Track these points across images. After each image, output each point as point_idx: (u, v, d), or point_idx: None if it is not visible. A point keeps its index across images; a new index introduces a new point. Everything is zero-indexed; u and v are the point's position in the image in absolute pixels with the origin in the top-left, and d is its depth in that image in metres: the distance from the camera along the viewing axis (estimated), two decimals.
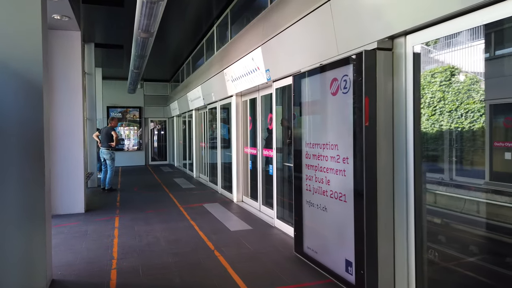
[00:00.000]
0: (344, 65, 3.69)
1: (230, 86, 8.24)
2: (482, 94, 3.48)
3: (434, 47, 3.40)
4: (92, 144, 11.34)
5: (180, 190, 10.42)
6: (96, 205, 8.39)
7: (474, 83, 3.56)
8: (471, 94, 3.59)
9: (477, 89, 3.57)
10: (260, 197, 7.42)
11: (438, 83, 3.75)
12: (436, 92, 3.77)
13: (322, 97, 4.14)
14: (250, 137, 8.23)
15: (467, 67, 3.55)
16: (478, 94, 3.55)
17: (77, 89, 7.71)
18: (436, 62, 3.62)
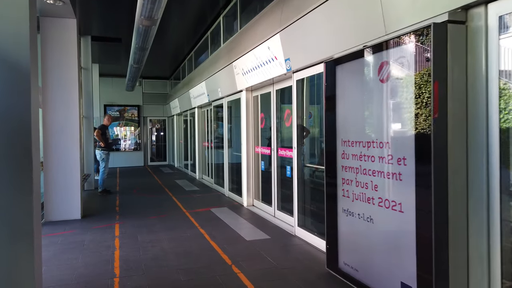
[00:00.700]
0: (399, 45, 3.01)
1: (239, 80, 7.55)
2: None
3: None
4: (89, 144, 10.63)
5: (184, 193, 9.73)
6: (94, 210, 7.69)
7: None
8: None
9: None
10: (274, 201, 6.74)
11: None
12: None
13: (366, 85, 3.47)
14: (262, 136, 7.55)
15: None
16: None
17: (73, 84, 7.01)
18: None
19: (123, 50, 12.58)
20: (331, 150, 4.00)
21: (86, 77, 10.77)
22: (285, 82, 6.24)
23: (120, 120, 18.01)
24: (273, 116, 6.70)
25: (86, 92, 10.77)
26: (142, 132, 18.32)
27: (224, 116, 9.11)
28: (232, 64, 7.73)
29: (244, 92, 7.77)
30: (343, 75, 3.82)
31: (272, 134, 6.72)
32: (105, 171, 9.59)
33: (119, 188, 10.75)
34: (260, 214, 7.07)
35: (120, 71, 15.77)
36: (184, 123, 15.45)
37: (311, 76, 5.15)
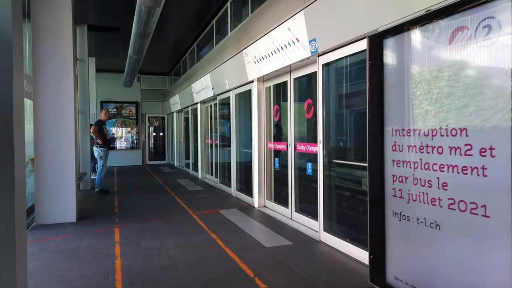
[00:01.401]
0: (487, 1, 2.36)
1: (251, 69, 6.88)
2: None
3: None
4: (85, 140, 9.92)
5: (187, 193, 9.04)
6: (91, 212, 6.99)
7: None
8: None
9: None
10: (292, 202, 6.07)
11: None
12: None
13: (430, 58, 2.81)
14: (276, 130, 6.88)
15: None
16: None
17: (68, 75, 6.32)
18: None
19: (122, 41, 11.88)
20: (376, 141, 3.34)
21: (82, 69, 10.07)
22: (305, 69, 5.58)
23: (118, 118, 17.30)
24: (290, 107, 6.04)
25: (82, 86, 10.07)
26: (140, 129, 17.60)
27: (232, 110, 8.43)
28: (242, 52, 7.05)
29: (255, 83, 7.10)
30: (395, 49, 3.16)
31: (289, 128, 6.06)
32: (103, 170, 8.90)
33: (117, 188, 10.05)
34: (274, 216, 6.41)
35: (118, 66, 15.05)
36: (185, 120, 14.77)
37: (341, 58, 4.49)
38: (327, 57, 4.69)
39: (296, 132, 5.98)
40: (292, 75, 5.99)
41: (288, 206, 6.18)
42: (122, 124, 17.36)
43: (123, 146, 17.38)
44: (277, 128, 6.83)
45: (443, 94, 2.70)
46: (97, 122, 8.92)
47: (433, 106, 2.78)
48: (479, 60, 2.44)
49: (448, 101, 2.65)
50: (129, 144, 17.50)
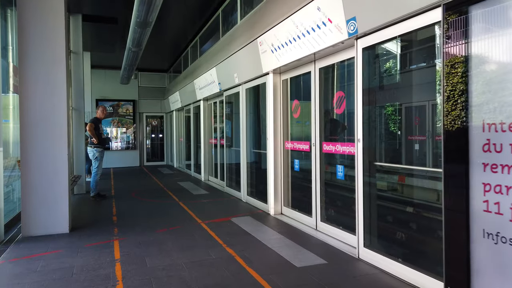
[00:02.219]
0: None
1: (267, 59, 6.12)
2: None
3: None
4: (79, 140, 9.12)
5: (192, 198, 8.26)
6: (86, 221, 6.20)
7: None
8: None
9: None
10: (317, 210, 5.31)
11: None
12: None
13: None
14: (296, 128, 6.13)
15: None
16: None
17: (59, 67, 5.54)
18: None
19: (119, 34, 11.08)
20: (457, 140, 2.59)
21: (76, 63, 9.26)
22: (334, 57, 4.82)
23: (114, 116, 16.46)
24: (314, 101, 5.28)
25: (77, 81, 9.26)
26: (137, 129, 16.77)
27: (242, 107, 7.65)
28: (256, 40, 6.29)
29: (270, 76, 6.35)
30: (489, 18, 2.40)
31: (313, 125, 5.30)
32: (98, 172, 8.09)
33: (114, 192, 9.24)
34: (294, 225, 5.65)
35: (114, 62, 14.24)
36: (186, 119, 13.98)
37: (387, 40, 3.74)
38: (368, 40, 3.94)
39: (322, 130, 5.22)
40: (317, 65, 5.23)
41: (312, 214, 5.42)
42: (119, 123, 16.53)
43: (118, 146, 16.53)
44: (296, 125, 6.07)
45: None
46: (93, 120, 8.12)
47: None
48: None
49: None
50: (126, 144, 16.66)
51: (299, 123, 6.19)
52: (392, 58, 3.99)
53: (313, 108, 5.31)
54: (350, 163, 4.69)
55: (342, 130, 6.12)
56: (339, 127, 6.01)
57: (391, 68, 4.05)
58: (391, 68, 4.04)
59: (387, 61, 4.05)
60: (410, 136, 4.06)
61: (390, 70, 4.07)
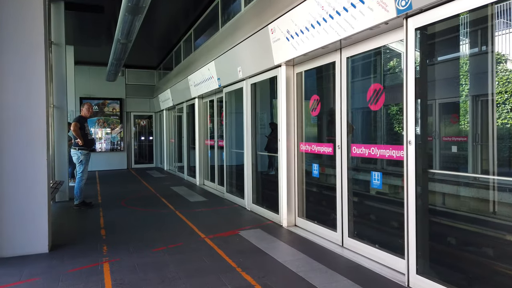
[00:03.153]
0: None
1: (280, 49, 5.33)
2: None
3: None
4: (61, 141, 8.19)
5: (189, 206, 7.42)
6: (69, 236, 5.31)
7: None
8: None
9: None
10: (343, 224, 4.53)
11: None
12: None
13: None
14: (313, 128, 5.37)
15: None
16: None
17: (37, 56, 4.65)
18: None
19: (105, 25, 10.18)
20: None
21: (58, 56, 8.32)
22: (368, 43, 4.06)
23: (99, 116, 15.45)
24: (339, 97, 4.50)
25: (59, 76, 8.32)
26: (125, 129, 15.79)
27: (246, 104, 6.85)
28: (267, 27, 5.49)
29: (283, 68, 5.56)
30: None
31: (338, 125, 4.53)
32: (83, 177, 7.18)
33: (101, 199, 8.33)
34: (313, 240, 4.87)
35: (100, 57, 13.28)
36: (178, 119, 13.09)
37: (452, 17, 2.99)
38: (422, 18, 3.18)
39: (350, 129, 4.46)
40: (343, 53, 4.46)
41: (337, 228, 4.64)
42: (105, 123, 15.52)
43: (103, 147, 15.49)
44: (314, 125, 5.30)
45: None
46: (78, 119, 7.21)
47: None
48: None
49: None
50: (113, 145, 15.65)
51: (314, 122, 5.43)
52: (452, 41, 3.25)
53: (338, 105, 4.54)
54: (389, 170, 3.95)
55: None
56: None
57: (451, 52, 3.30)
58: (451, 51, 3.30)
59: (448, 44, 3.30)
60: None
61: (448, 53, 3.33)
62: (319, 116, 5.25)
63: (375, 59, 4.23)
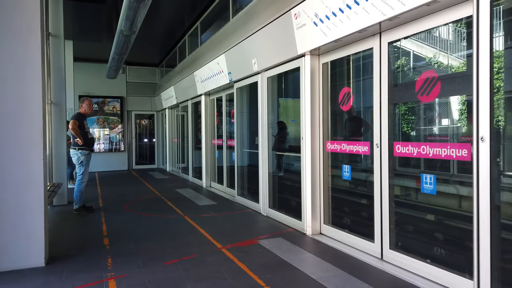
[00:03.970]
0: None
1: (305, 36, 4.76)
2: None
3: None
4: (59, 140, 7.60)
5: (198, 210, 6.84)
6: (68, 245, 4.72)
7: None
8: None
9: None
10: (382, 234, 3.95)
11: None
12: None
13: None
14: (343, 125, 4.80)
15: None
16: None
17: (32, 45, 4.04)
18: None
19: (106, 18, 9.60)
20: None
21: (56, 49, 7.74)
22: (414, 26, 3.49)
23: (99, 115, 14.84)
24: (378, 89, 3.93)
25: (57, 70, 7.74)
26: (125, 129, 15.19)
27: (262, 100, 6.27)
28: (290, 12, 4.93)
29: (307, 58, 4.99)
30: None
31: (377, 120, 3.95)
32: (83, 179, 6.60)
33: (102, 203, 7.74)
34: (345, 251, 4.29)
35: (100, 54, 12.70)
36: (181, 118, 12.51)
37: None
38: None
39: (392, 126, 3.89)
40: (383, 38, 3.89)
41: (375, 239, 4.06)
42: (105, 122, 14.92)
43: (103, 148, 14.87)
44: (343, 122, 4.73)
45: None
46: (77, 116, 6.64)
47: None
48: None
49: None
50: (113, 145, 15.05)
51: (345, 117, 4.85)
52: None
53: (376, 98, 3.97)
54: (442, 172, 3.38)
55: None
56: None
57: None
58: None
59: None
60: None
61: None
62: (350, 111, 4.68)
63: (425, 45, 3.67)
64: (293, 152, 6.46)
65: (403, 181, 4.13)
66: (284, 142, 6.57)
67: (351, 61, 4.68)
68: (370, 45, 4.08)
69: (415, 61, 3.90)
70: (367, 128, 4.35)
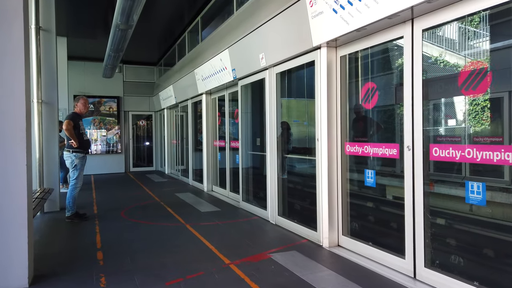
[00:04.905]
0: None
1: (322, 26, 4.26)
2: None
3: None
4: (51, 142, 7.08)
5: (200, 218, 6.33)
6: (56, 261, 4.20)
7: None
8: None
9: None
10: (415, 250, 3.44)
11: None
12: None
13: None
14: (365, 125, 4.31)
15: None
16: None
17: (15, 43, 3.52)
18: None
19: (102, 12, 9.10)
20: None
21: (47, 44, 7.20)
22: (458, 7, 3.00)
23: (95, 115, 14.31)
24: (409, 82, 3.43)
25: (48, 67, 7.20)
26: (122, 130, 14.65)
27: (270, 98, 5.77)
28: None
29: (323, 51, 4.50)
30: None
31: (407, 119, 3.45)
32: (77, 185, 6.09)
33: (97, 209, 7.21)
34: (369, 267, 3.79)
35: (96, 52, 12.18)
36: (181, 118, 12.00)
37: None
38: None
39: (426, 125, 3.39)
40: (416, 25, 3.40)
41: (405, 255, 3.56)
42: (101, 123, 14.38)
43: (98, 150, 14.31)
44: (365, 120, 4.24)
45: None
46: (72, 116, 6.11)
47: None
48: None
49: None
50: (109, 147, 14.51)
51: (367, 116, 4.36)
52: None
53: (407, 93, 3.48)
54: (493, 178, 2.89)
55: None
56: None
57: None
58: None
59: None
60: None
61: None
62: (373, 110, 4.19)
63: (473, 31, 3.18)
64: (303, 154, 5.99)
65: (438, 188, 3.64)
66: (288, 143, 6.09)
67: (374, 53, 4.18)
68: (399, 33, 3.58)
69: (454, 50, 3.40)
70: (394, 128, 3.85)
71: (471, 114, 3.26)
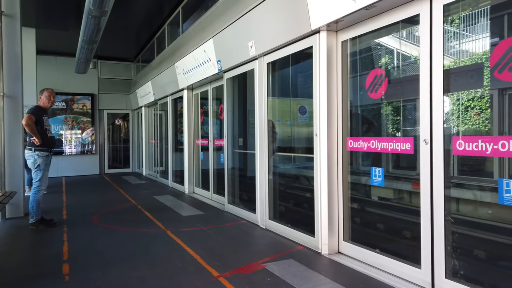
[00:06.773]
0: None
1: (323, 5, 3.78)
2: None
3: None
4: (14, 139, 6.36)
5: (182, 222, 5.76)
6: (14, 276, 3.55)
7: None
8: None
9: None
10: (433, 259, 3.00)
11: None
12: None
13: None
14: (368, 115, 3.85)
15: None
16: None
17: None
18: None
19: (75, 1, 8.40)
20: None
21: (11, 31, 6.49)
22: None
23: (68, 114, 13.47)
24: (426, 69, 2.99)
25: (11, 56, 6.49)
26: (97, 129, 13.85)
27: (261, 91, 5.27)
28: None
29: (323, 35, 4.02)
30: None
31: (424, 109, 3.01)
32: (41, 187, 5.42)
33: (67, 214, 6.52)
34: (378, 278, 3.33)
35: (68, 46, 11.37)
36: (160, 116, 11.36)
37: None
38: None
39: (449, 114, 2.95)
40: (435, 3, 2.96)
41: (421, 263, 3.11)
42: (74, 122, 13.55)
43: (72, 151, 13.47)
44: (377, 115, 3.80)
45: None
46: (34, 110, 5.44)
47: None
48: None
49: None
50: (83, 147, 13.68)
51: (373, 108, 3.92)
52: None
53: (424, 80, 3.03)
54: None
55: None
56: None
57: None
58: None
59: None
60: None
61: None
62: (382, 100, 3.74)
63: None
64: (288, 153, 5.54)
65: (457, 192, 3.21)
66: (274, 142, 5.62)
67: (380, 37, 3.74)
68: (415, 10, 3.14)
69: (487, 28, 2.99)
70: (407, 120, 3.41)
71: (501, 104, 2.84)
